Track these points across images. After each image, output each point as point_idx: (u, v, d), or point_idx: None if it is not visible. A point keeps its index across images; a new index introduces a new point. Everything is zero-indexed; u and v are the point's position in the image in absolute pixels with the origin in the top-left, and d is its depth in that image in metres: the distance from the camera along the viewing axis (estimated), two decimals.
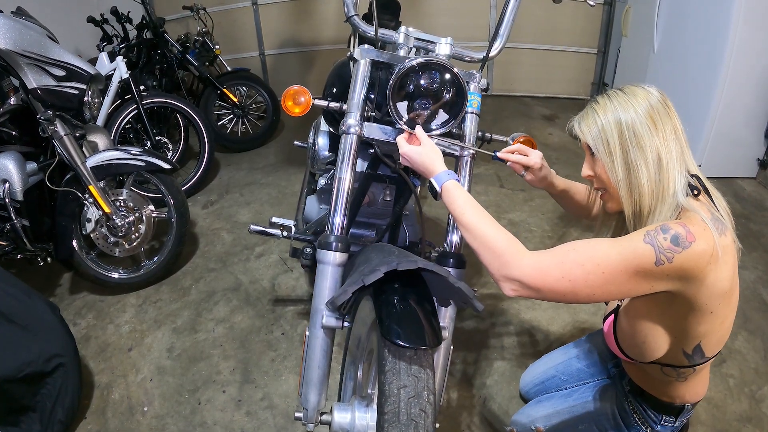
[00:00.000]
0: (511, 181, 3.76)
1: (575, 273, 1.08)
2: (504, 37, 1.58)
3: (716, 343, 1.22)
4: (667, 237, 1.05)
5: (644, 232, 1.08)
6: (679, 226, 1.06)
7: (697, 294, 1.10)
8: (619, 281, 1.08)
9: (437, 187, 1.28)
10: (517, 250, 1.12)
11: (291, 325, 2.45)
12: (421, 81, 1.35)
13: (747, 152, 3.78)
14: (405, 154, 1.34)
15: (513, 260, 1.11)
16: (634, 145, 1.15)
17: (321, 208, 2.12)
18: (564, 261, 1.09)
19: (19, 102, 2.39)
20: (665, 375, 1.31)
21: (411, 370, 1.02)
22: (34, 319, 1.87)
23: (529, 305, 2.54)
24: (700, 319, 1.14)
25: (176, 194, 2.73)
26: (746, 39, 3.38)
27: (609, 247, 1.09)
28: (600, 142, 1.20)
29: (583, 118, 1.25)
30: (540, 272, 1.09)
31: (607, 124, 1.18)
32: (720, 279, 1.09)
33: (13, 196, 2.31)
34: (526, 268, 1.09)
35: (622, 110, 1.17)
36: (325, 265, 1.33)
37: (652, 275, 1.07)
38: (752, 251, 2.96)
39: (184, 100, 3.77)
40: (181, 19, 5.28)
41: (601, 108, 1.21)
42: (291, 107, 1.44)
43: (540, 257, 1.11)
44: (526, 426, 1.68)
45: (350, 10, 1.54)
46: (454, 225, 1.46)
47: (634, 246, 1.07)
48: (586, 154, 1.28)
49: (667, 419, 1.38)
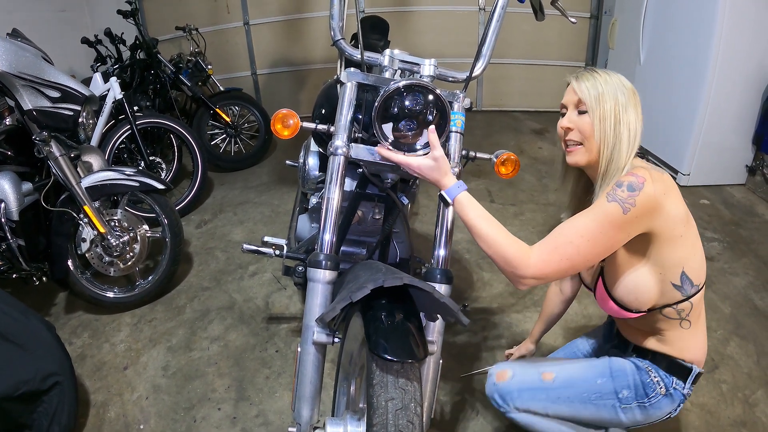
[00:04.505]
0: (502, 195, 3.81)
1: (569, 251, 1.28)
2: (486, 57, 1.62)
3: (698, 268, 1.39)
4: (623, 188, 1.27)
5: (604, 194, 1.29)
6: (629, 176, 1.28)
7: (664, 224, 1.30)
8: (603, 240, 1.28)
9: (449, 200, 1.39)
10: (523, 253, 1.29)
11: (285, 342, 2.47)
12: (406, 102, 1.39)
13: (735, 159, 3.83)
14: (418, 168, 1.40)
15: (522, 263, 1.28)
16: (623, 121, 1.35)
17: (312, 226, 2.14)
18: (557, 246, 1.29)
19: (14, 122, 2.41)
20: (668, 318, 1.43)
21: (398, 382, 1.06)
22: (31, 338, 1.88)
23: (520, 318, 2.57)
24: (674, 245, 1.34)
25: (170, 214, 2.75)
26: (731, 47, 3.44)
27: (586, 219, 1.30)
28: (597, 104, 1.36)
29: (583, 80, 1.40)
30: (544, 264, 1.28)
31: (607, 93, 1.36)
32: (675, 205, 1.31)
33: (9, 216, 2.33)
34: (533, 267, 1.28)
35: (618, 88, 1.37)
36: (315, 282, 1.36)
37: (625, 223, 1.27)
38: (742, 257, 3.00)
39: (177, 121, 3.81)
40: (174, 39, 5.33)
41: (601, 77, 1.38)
42: (280, 130, 1.47)
43: (540, 251, 1.29)
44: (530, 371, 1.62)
45: (336, 34, 1.58)
46: (440, 241, 1.48)
47: (602, 208, 1.27)
48: (571, 109, 1.43)
49: (678, 383, 1.45)
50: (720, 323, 2.48)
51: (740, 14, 3.37)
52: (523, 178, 4.08)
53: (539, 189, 3.94)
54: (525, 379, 1.55)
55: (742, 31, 3.43)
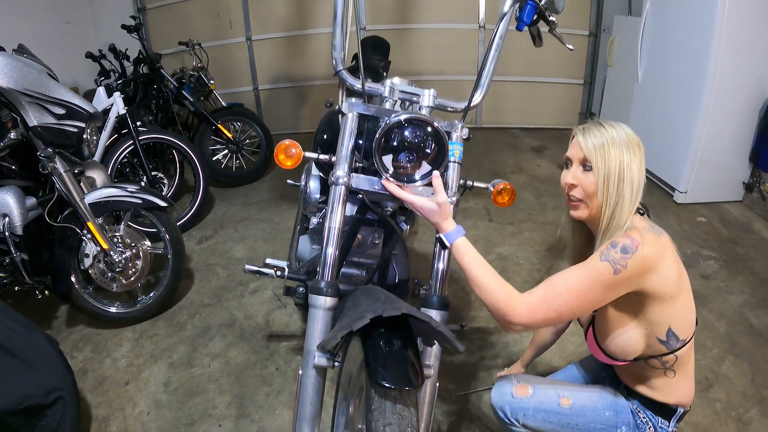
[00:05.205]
0: (500, 215, 3.82)
1: (557, 303, 1.31)
2: (484, 86, 1.66)
3: (685, 323, 1.41)
4: (617, 250, 1.29)
5: (599, 253, 1.31)
6: (625, 238, 1.30)
7: (655, 285, 1.32)
8: (591, 297, 1.32)
9: (447, 243, 1.44)
10: (512, 300, 1.33)
11: (285, 360, 2.49)
12: (405, 134, 1.43)
13: (732, 176, 3.87)
14: (421, 208, 1.45)
15: (511, 310, 1.32)
16: (627, 178, 1.35)
17: (313, 248, 2.17)
18: (546, 297, 1.33)
19: (18, 137, 2.43)
20: (653, 368, 1.45)
21: (396, 408, 1.10)
22: (35, 352, 1.90)
23: (517, 339, 2.59)
24: (663, 305, 1.35)
25: (172, 231, 2.78)
26: (728, 65, 3.49)
27: (577, 274, 1.33)
28: (603, 163, 1.36)
29: (589, 135, 1.39)
30: (532, 312, 1.32)
31: (613, 150, 1.35)
32: (668, 267, 1.32)
33: (13, 231, 2.36)
34: (521, 314, 1.32)
35: (624, 142, 1.36)
36: (317, 309, 1.39)
37: (615, 283, 1.29)
38: (738, 275, 3.02)
39: (179, 136, 3.84)
40: (177, 53, 5.38)
41: (608, 132, 1.37)
42: (283, 160, 1.51)
43: (529, 300, 1.33)
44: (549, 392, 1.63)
45: (338, 65, 1.62)
46: (437, 268, 1.51)
47: (594, 267, 1.30)
48: (575, 164, 1.42)
49: (663, 422, 1.49)
50: (715, 342, 2.51)
51: (737, 32, 3.43)
52: (522, 196, 4.09)
53: (537, 208, 3.96)
54: (543, 400, 1.56)
55: (739, 49, 3.48)
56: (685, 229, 3.55)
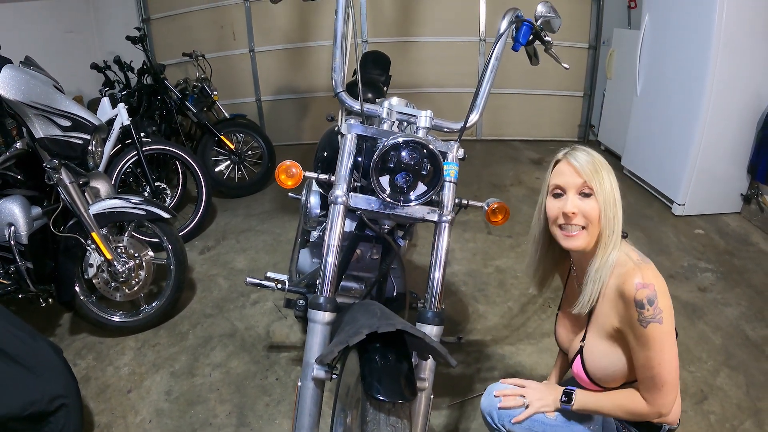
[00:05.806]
0: (499, 228, 3.80)
1: (672, 377, 1.32)
2: (480, 107, 1.69)
3: None
4: (646, 306, 1.28)
5: (637, 323, 1.30)
6: (641, 292, 1.29)
7: None
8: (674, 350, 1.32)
9: (570, 409, 1.47)
10: (651, 403, 1.35)
11: (285, 371, 2.52)
12: (402, 155, 1.47)
13: (730, 188, 3.89)
14: (538, 410, 1.50)
15: (654, 411, 1.35)
16: (618, 201, 1.39)
17: (313, 261, 2.21)
18: (664, 383, 1.32)
19: (24, 147, 2.46)
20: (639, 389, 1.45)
21: (390, 420, 1.14)
22: (39, 360, 1.93)
23: (513, 351, 2.62)
24: None
25: (175, 242, 2.81)
26: (725, 78, 3.53)
27: (662, 353, 1.30)
28: (601, 187, 1.37)
29: (580, 159, 1.40)
30: (666, 400, 1.33)
31: (604, 172, 1.37)
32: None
33: (18, 240, 2.38)
34: (663, 407, 1.34)
35: (609, 170, 1.39)
36: (316, 323, 1.43)
37: (672, 326, 1.31)
38: (735, 287, 3.04)
39: (182, 147, 3.88)
40: (180, 64, 5.43)
41: (594, 154, 1.41)
42: (284, 180, 1.55)
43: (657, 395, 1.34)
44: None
45: (338, 86, 1.66)
46: (433, 283, 1.53)
47: (658, 335, 1.29)
48: (572, 192, 1.41)
49: None
50: (711, 354, 2.53)
51: (734, 45, 3.47)
52: (521, 209, 4.11)
53: None
54: None
55: (737, 62, 3.52)
56: (682, 241, 3.58)
